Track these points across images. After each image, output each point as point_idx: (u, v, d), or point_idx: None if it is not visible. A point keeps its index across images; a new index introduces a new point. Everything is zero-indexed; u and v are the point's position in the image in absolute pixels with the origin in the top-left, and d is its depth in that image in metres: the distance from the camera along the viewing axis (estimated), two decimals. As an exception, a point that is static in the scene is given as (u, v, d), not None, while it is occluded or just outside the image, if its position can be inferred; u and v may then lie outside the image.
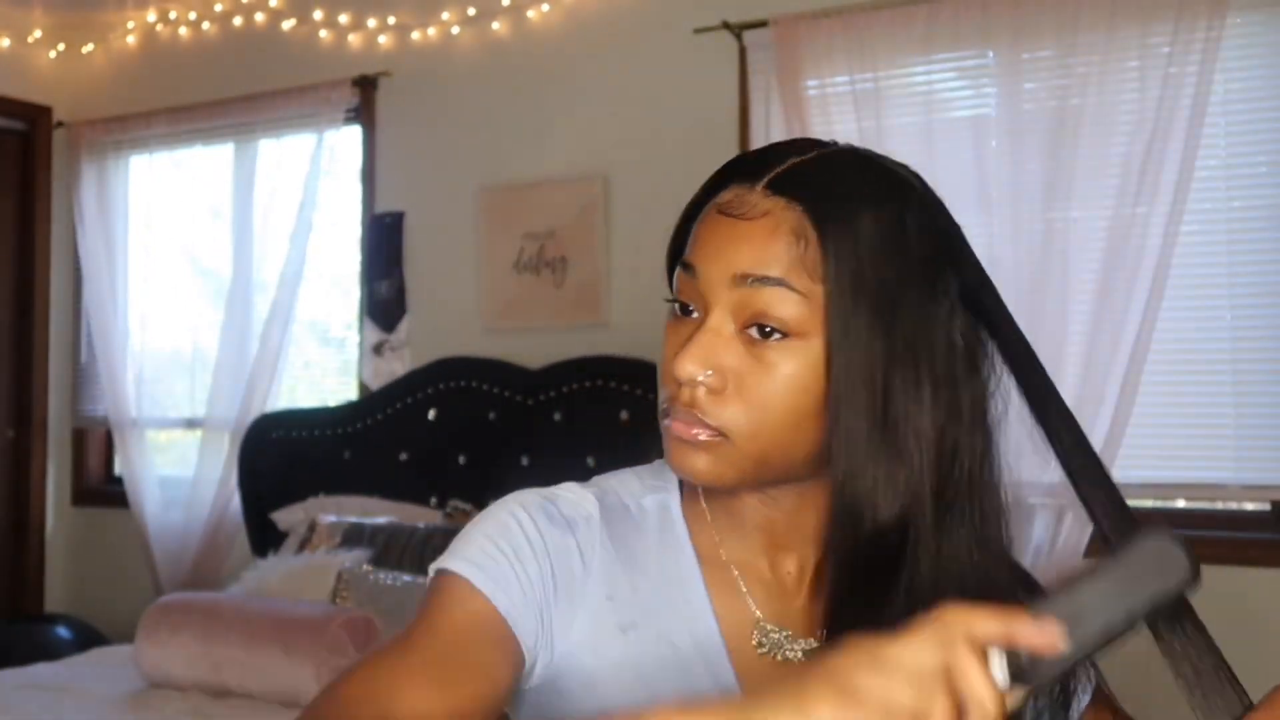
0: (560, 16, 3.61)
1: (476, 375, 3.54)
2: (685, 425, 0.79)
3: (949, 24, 2.98)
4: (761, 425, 0.78)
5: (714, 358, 0.78)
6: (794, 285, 0.76)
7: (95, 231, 4.25)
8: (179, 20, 4.24)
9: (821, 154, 0.82)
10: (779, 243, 0.77)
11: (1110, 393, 2.75)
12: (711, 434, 0.79)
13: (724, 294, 0.78)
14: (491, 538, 0.83)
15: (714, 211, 0.81)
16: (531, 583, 0.81)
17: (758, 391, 0.78)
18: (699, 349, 0.78)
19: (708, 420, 0.78)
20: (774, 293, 0.76)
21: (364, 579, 3.04)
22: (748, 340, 0.78)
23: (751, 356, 0.78)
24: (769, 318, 0.77)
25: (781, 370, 0.77)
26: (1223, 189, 2.83)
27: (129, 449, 4.14)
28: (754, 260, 0.77)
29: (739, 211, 0.79)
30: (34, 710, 2.70)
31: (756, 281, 0.77)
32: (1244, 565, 2.78)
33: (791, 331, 0.77)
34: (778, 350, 0.77)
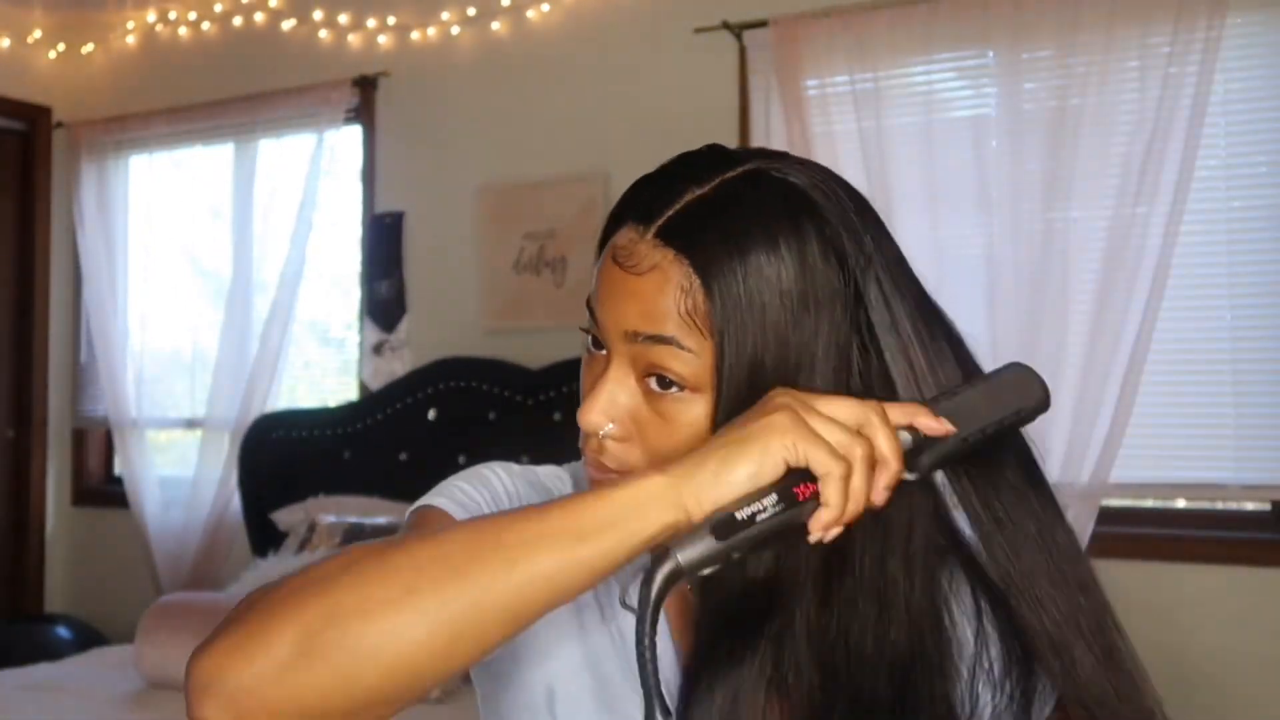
0: (560, 16, 3.61)
1: (476, 375, 3.54)
2: (595, 469, 0.80)
3: (949, 24, 2.98)
4: None
5: (615, 410, 0.78)
6: (683, 343, 0.74)
7: (95, 231, 4.25)
8: (179, 20, 4.24)
9: (717, 185, 0.76)
10: (666, 299, 0.75)
11: (1110, 393, 2.75)
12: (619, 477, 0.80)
13: (620, 346, 0.78)
14: (473, 484, 0.87)
15: (609, 258, 0.79)
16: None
17: (658, 442, 0.77)
18: (601, 402, 0.78)
19: (612, 467, 0.79)
20: (665, 350, 0.75)
21: (364, 579, 3.04)
22: (647, 390, 0.77)
23: (651, 408, 0.77)
24: (664, 371, 0.75)
25: (680, 421, 0.76)
26: (1223, 189, 2.83)
27: (129, 449, 4.14)
28: (642, 318, 0.76)
29: (629, 264, 0.77)
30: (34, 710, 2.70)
31: (647, 339, 0.75)
32: (1244, 565, 2.79)
33: (688, 385, 0.75)
34: (675, 402, 0.76)
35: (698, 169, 0.78)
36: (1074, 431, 2.78)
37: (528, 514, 0.66)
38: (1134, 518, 2.97)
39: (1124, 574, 2.85)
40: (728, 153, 0.80)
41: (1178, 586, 2.82)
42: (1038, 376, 0.73)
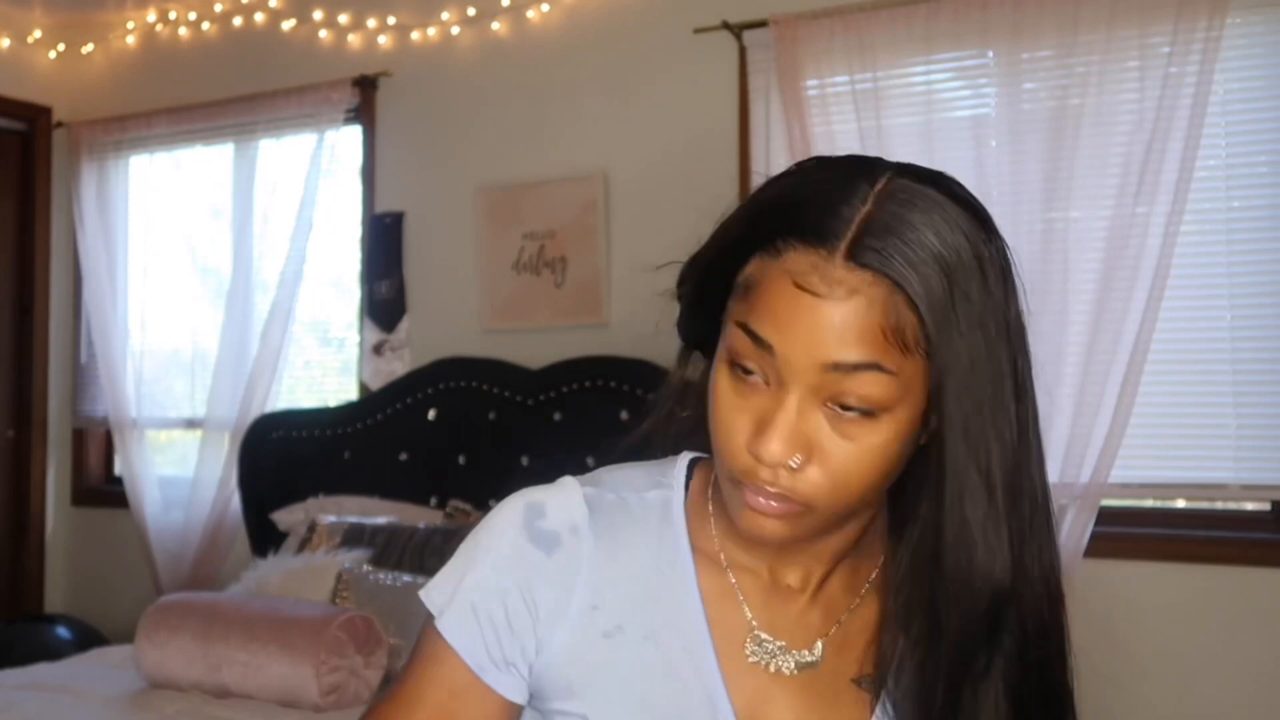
0: (560, 16, 3.61)
1: (476, 375, 3.54)
2: (766, 501, 0.77)
3: (949, 24, 2.98)
4: (843, 493, 0.77)
5: (800, 440, 0.75)
6: (885, 366, 0.73)
7: (95, 231, 4.25)
8: (179, 20, 4.24)
9: (877, 197, 0.75)
10: (871, 324, 0.72)
11: (1110, 393, 2.75)
12: (793, 507, 0.77)
13: (810, 378, 0.74)
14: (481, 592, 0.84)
15: (787, 282, 0.74)
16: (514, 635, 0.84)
17: (842, 463, 0.75)
18: (786, 432, 0.75)
19: (794, 498, 0.77)
20: (866, 376, 0.73)
21: (364, 579, 3.04)
22: (831, 414, 0.75)
23: (834, 430, 0.75)
24: (855, 397, 0.74)
25: (866, 442, 0.75)
26: (1223, 189, 2.83)
27: (129, 449, 4.14)
28: (845, 347, 0.73)
29: (823, 291, 0.73)
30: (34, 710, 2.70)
31: (849, 369, 0.73)
32: (1244, 565, 2.79)
33: (878, 408, 0.74)
34: (862, 425, 0.75)
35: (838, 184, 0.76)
36: (1074, 431, 2.78)
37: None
38: (1134, 518, 2.97)
39: (1124, 574, 2.86)
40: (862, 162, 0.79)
41: (1178, 586, 2.82)
42: None
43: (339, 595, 3.03)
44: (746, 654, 0.85)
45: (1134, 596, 2.84)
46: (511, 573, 0.84)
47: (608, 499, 0.88)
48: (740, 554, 0.87)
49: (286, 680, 2.70)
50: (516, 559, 0.84)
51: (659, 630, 0.84)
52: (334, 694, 2.69)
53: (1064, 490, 2.78)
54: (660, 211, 3.35)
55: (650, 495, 0.88)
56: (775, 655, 0.85)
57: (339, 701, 2.70)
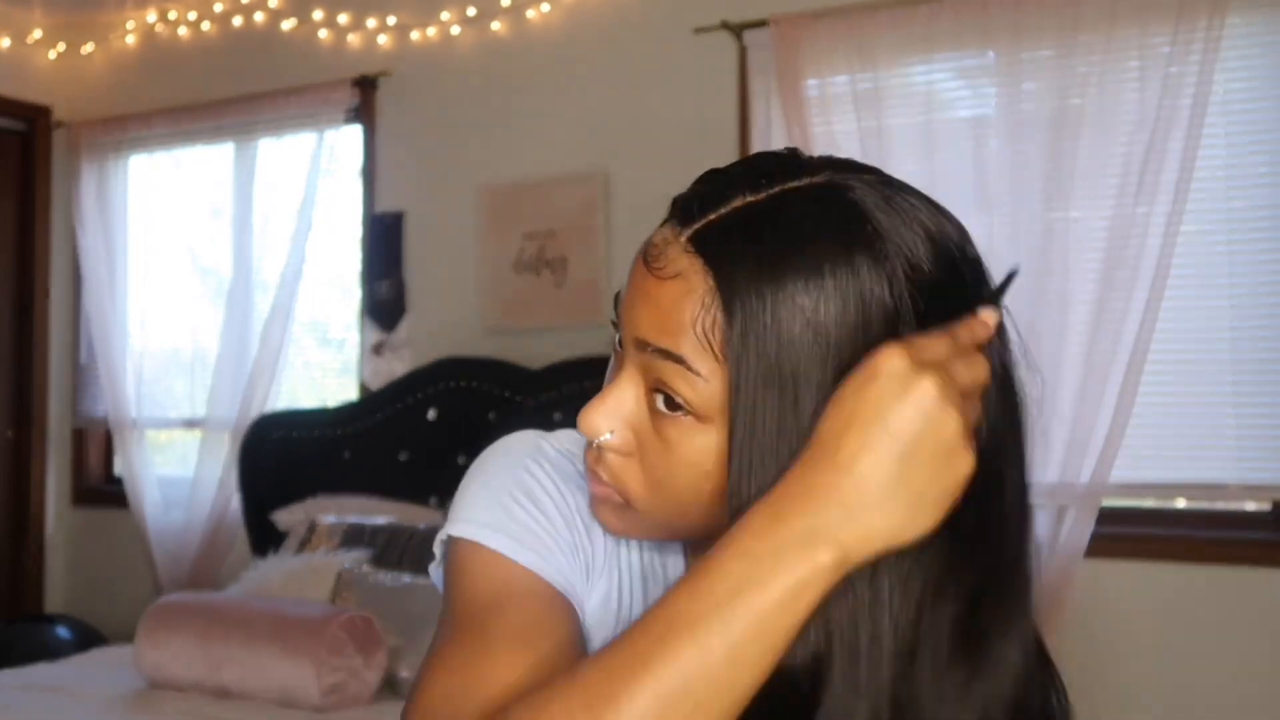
0: (560, 16, 3.61)
1: (476, 375, 3.54)
2: (594, 481, 0.74)
3: (949, 24, 2.98)
4: (660, 501, 0.71)
5: (617, 419, 0.71)
6: (692, 365, 0.66)
7: (95, 231, 4.25)
8: (179, 20, 4.24)
9: (775, 195, 0.67)
10: (684, 313, 0.66)
11: (1110, 393, 2.75)
12: (614, 494, 0.73)
13: (632, 353, 0.70)
14: (521, 504, 0.76)
15: (640, 255, 0.71)
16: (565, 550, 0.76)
17: (656, 466, 0.70)
18: (604, 406, 0.71)
19: (610, 482, 0.72)
20: (674, 368, 0.67)
21: (364, 579, 3.04)
22: (654, 410, 0.70)
23: (654, 428, 0.70)
24: (670, 391, 0.68)
25: (681, 450, 0.69)
26: (1223, 189, 2.83)
27: (129, 449, 4.14)
28: (656, 329, 0.68)
29: (656, 265, 0.68)
30: (34, 710, 2.70)
31: (656, 352, 0.68)
32: (1244, 565, 2.79)
33: (693, 412, 0.67)
34: (679, 428, 0.68)
35: (760, 173, 0.68)
36: (1074, 431, 2.78)
37: (701, 606, 0.59)
38: (1134, 518, 2.97)
39: (1124, 574, 2.86)
40: (800, 158, 0.70)
41: (1178, 586, 2.82)
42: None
43: (339, 595, 3.03)
44: None
45: (1134, 596, 2.84)
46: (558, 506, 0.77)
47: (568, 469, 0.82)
48: None
49: (286, 680, 2.70)
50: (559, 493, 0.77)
51: None
52: (334, 694, 2.69)
53: (1064, 490, 2.78)
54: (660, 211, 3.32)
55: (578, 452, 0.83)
56: None
57: (339, 701, 2.70)
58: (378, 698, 2.79)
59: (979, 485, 0.63)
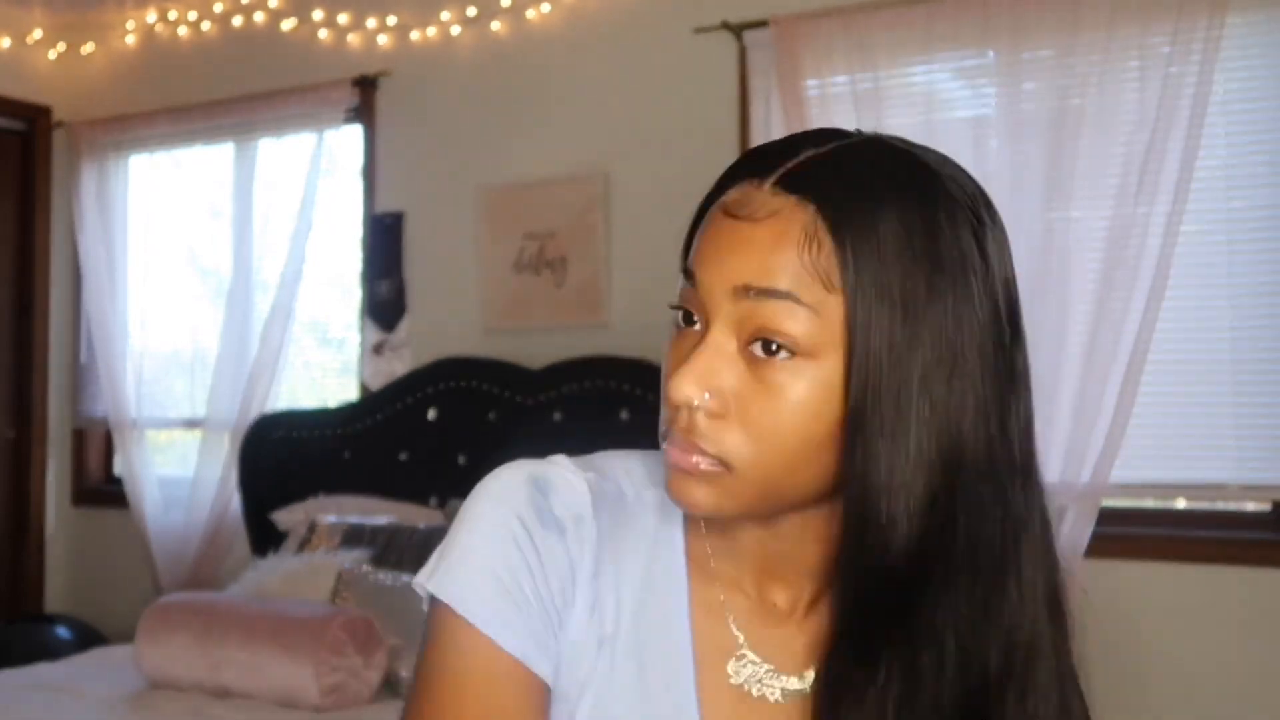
0: (560, 16, 3.61)
1: (476, 375, 3.54)
2: (683, 453, 0.71)
3: (949, 24, 2.98)
4: (767, 455, 0.70)
5: (713, 379, 0.69)
6: (802, 299, 0.67)
7: (95, 231, 4.25)
8: (179, 20, 4.24)
9: (840, 146, 0.72)
10: (787, 248, 0.67)
11: (1110, 393, 2.75)
12: (711, 463, 0.71)
13: (725, 306, 0.69)
14: (492, 568, 0.75)
15: (719, 213, 0.71)
16: (534, 611, 0.75)
17: (762, 418, 0.69)
18: (696, 369, 0.69)
19: (707, 448, 0.70)
20: (780, 306, 0.67)
21: (364, 579, 3.04)
22: (751, 359, 0.69)
23: (755, 378, 0.69)
24: (775, 334, 0.67)
25: (789, 394, 0.68)
26: (1223, 189, 2.83)
27: (129, 449, 4.14)
28: (757, 270, 0.68)
29: (744, 213, 0.69)
30: (34, 710, 2.70)
31: (760, 294, 0.68)
32: (1244, 565, 2.79)
33: (800, 350, 0.68)
34: (785, 371, 0.68)
35: (813, 137, 0.73)
36: (1074, 431, 2.78)
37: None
38: (1134, 518, 2.97)
39: (1124, 574, 2.86)
40: (843, 130, 0.75)
41: (1178, 586, 2.82)
42: None
43: (339, 595, 3.03)
44: (728, 674, 0.78)
45: (1134, 596, 2.84)
46: (528, 553, 0.76)
47: (609, 490, 0.81)
48: (730, 567, 0.80)
49: (286, 680, 2.70)
50: (529, 539, 0.76)
51: (644, 642, 0.78)
52: (334, 694, 2.69)
53: (1064, 490, 2.78)
54: (660, 211, 3.34)
55: (649, 495, 0.82)
56: (761, 679, 0.78)
57: (339, 702, 2.70)
58: (378, 698, 2.79)
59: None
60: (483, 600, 0.74)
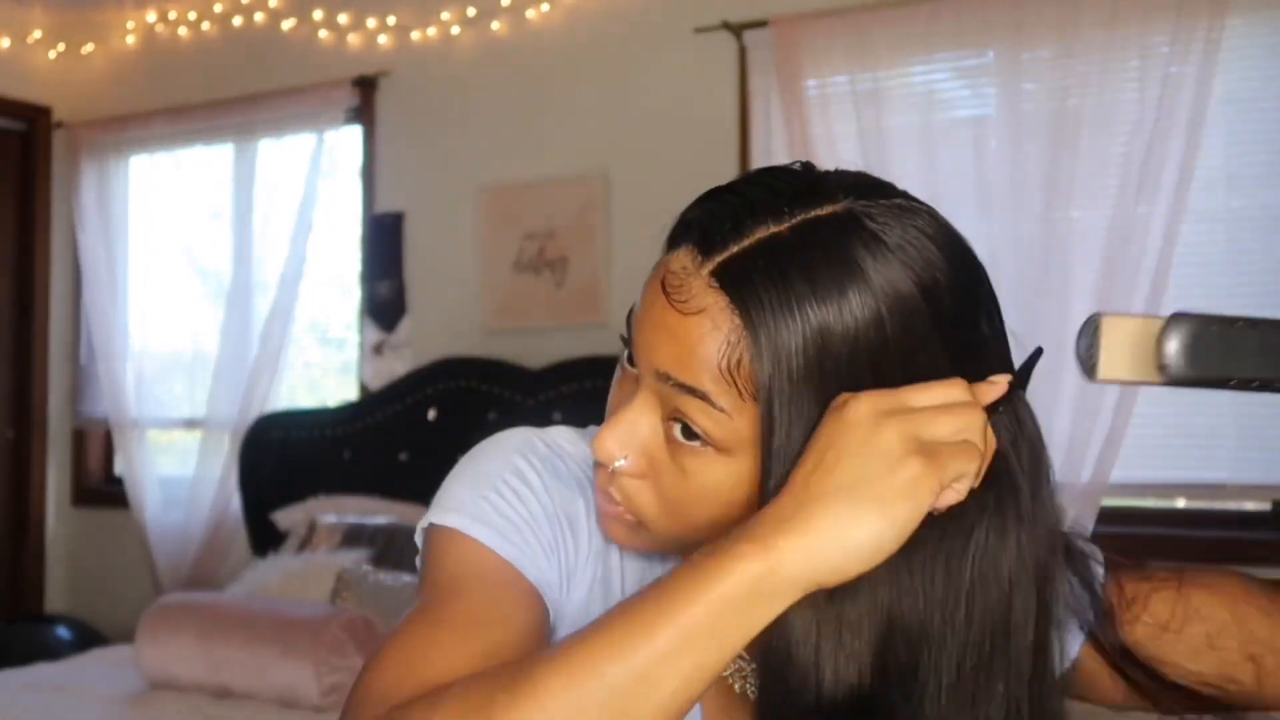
0: (560, 16, 3.61)
1: (476, 375, 3.54)
2: (604, 500, 0.74)
3: (949, 24, 2.98)
4: (674, 522, 0.72)
5: (634, 442, 0.71)
6: (716, 402, 0.66)
7: (95, 231, 4.25)
8: (179, 20, 4.24)
9: (795, 227, 0.66)
10: (708, 349, 0.66)
11: (1110, 393, 2.75)
12: (625, 515, 0.73)
13: (650, 382, 0.70)
14: (503, 494, 0.76)
15: (657, 283, 0.69)
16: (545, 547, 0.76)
17: (671, 492, 0.70)
18: (618, 431, 0.71)
19: (625, 505, 0.73)
20: (695, 403, 0.67)
21: (364, 579, 3.04)
22: (671, 438, 0.70)
23: (670, 454, 0.70)
24: (690, 421, 0.68)
25: (700, 479, 0.69)
26: (1223, 189, 2.83)
27: (129, 449, 4.14)
28: (677, 363, 0.67)
29: (676, 299, 0.67)
30: (34, 710, 2.70)
31: (676, 386, 0.67)
32: (1244, 565, 2.78)
33: (713, 444, 0.68)
34: (698, 457, 0.69)
35: (779, 197, 0.67)
36: (1074, 431, 2.78)
37: (635, 628, 0.60)
38: (1134, 518, 2.97)
39: (1124, 574, 2.86)
40: (818, 181, 0.69)
41: (1178, 586, 2.82)
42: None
43: (339, 595, 3.03)
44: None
45: (1134, 596, 2.84)
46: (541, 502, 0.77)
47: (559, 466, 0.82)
48: None
49: (287, 680, 2.71)
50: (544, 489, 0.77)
51: None
52: (334, 694, 2.69)
53: (1064, 490, 2.76)
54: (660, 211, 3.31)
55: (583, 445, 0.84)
56: (749, 676, 0.79)
57: (339, 701, 2.70)
58: (378, 698, 2.78)
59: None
60: (477, 515, 0.74)
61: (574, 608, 0.78)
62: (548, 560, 0.75)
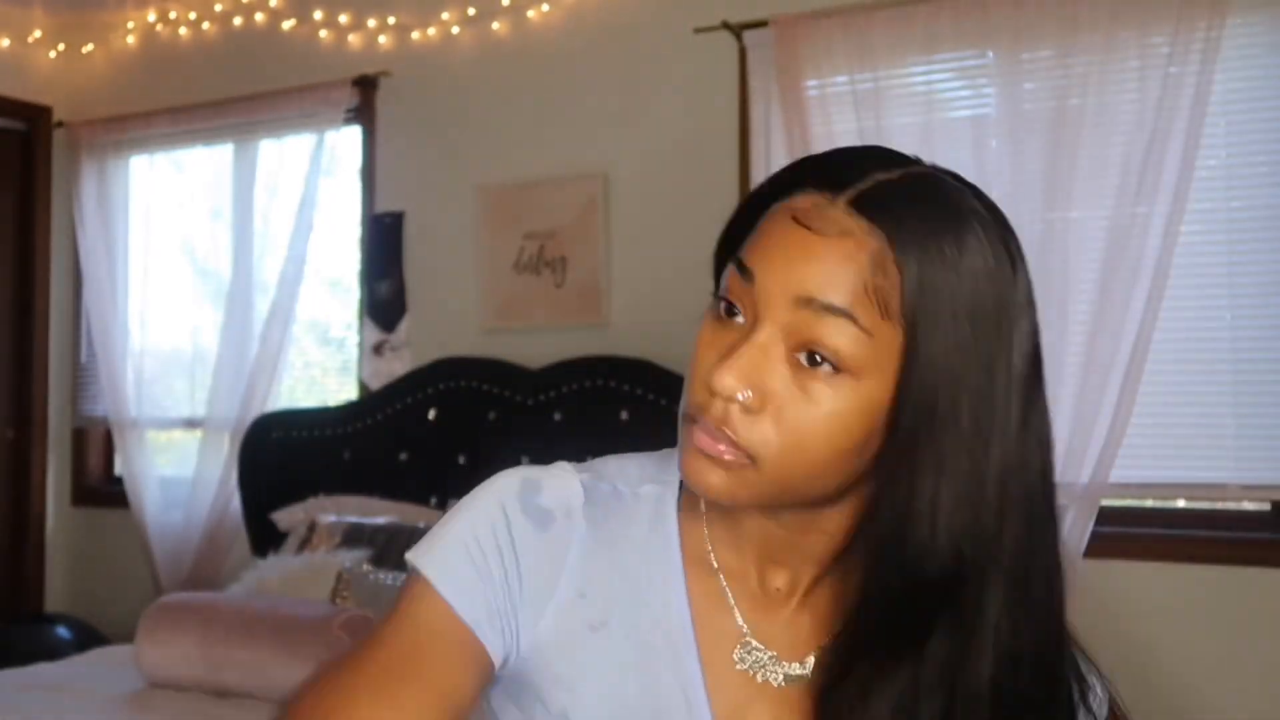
0: (560, 16, 3.61)
1: (476, 375, 3.54)
2: (712, 440, 0.73)
3: (949, 24, 2.98)
4: (792, 456, 0.72)
5: (758, 377, 0.71)
6: (859, 320, 0.69)
7: (95, 231, 4.25)
8: (179, 20, 4.24)
9: (909, 174, 0.74)
10: (853, 270, 0.69)
11: (1110, 393, 2.75)
12: (738, 454, 0.73)
13: (781, 312, 0.71)
14: (463, 540, 0.80)
15: (786, 215, 0.73)
16: (496, 586, 0.79)
17: (796, 421, 0.71)
18: (744, 364, 0.71)
19: (737, 440, 0.72)
20: (836, 323, 0.69)
21: (364, 579, 3.04)
22: (795, 364, 0.71)
23: (796, 384, 0.71)
24: (824, 347, 0.70)
25: (826, 405, 0.71)
26: (1223, 189, 2.83)
27: (129, 449, 4.14)
28: (822, 284, 0.70)
29: (815, 225, 0.71)
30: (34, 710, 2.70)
31: (820, 308, 0.70)
32: (1244, 565, 2.79)
33: (845, 367, 0.70)
34: (826, 383, 0.71)
35: (877, 157, 0.75)
36: (1074, 431, 2.78)
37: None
38: (1134, 518, 2.97)
39: (1124, 574, 2.86)
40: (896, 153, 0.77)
41: (1178, 586, 2.82)
42: None
43: (339, 595, 3.03)
44: (735, 660, 0.82)
45: (1134, 596, 2.84)
46: (501, 536, 0.80)
47: (603, 489, 0.85)
48: (730, 556, 0.84)
49: (287, 680, 2.70)
50: (506, 526, 0.80)
51: (644, 630, 0.81)
52: (334, 694, 2.69)
53: (1064, 490, 2.78)
54: (660, 211, 3.35)
55: (644, 490, 0.85)
56: (765, 665, 0.81)
57: (339, 701, 2.70)
58: (378, 698, 2.78)
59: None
60: (450, 568, 0.79)
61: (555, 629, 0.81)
62: (488, 600, 0.79)
